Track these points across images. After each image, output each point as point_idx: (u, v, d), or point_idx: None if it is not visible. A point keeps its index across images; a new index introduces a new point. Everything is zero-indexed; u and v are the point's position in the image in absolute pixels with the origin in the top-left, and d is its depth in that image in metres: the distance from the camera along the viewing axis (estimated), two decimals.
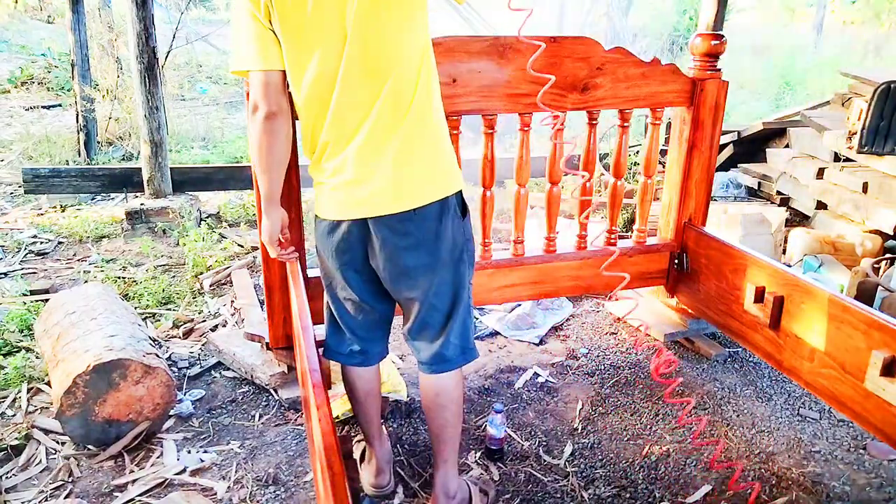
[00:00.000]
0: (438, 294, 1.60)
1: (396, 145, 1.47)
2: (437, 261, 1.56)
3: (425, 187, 1.51)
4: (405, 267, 1.55)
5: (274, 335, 2.29)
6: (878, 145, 3.49)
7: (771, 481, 1.96)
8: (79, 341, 2.14)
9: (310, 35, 1.43)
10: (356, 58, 1.43)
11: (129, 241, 3.77)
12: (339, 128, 1.48)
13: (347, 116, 1.47)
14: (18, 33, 9.31)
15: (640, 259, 2.69)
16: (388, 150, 1.48)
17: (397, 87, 1.45)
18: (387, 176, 1.48)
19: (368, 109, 1.46)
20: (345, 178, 1.50)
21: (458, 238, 1.58)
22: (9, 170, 5.01)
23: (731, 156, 4.87)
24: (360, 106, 1.46)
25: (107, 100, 5.53)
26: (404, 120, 1.47)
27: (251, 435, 2.14)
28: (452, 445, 1.74)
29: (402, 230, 1.51)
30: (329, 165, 1.53)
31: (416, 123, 1.49)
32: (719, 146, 3.10)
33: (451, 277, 1.59)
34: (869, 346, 1.82)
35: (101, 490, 1.90)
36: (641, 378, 2.47)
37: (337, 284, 1.67)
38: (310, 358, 1.56)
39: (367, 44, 1.42)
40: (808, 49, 10.01)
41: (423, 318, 1.63)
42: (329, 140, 1.50)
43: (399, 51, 1.45)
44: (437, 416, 1.71)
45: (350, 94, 1.45)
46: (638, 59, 2.38)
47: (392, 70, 1.44)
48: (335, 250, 1.59)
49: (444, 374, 1.67)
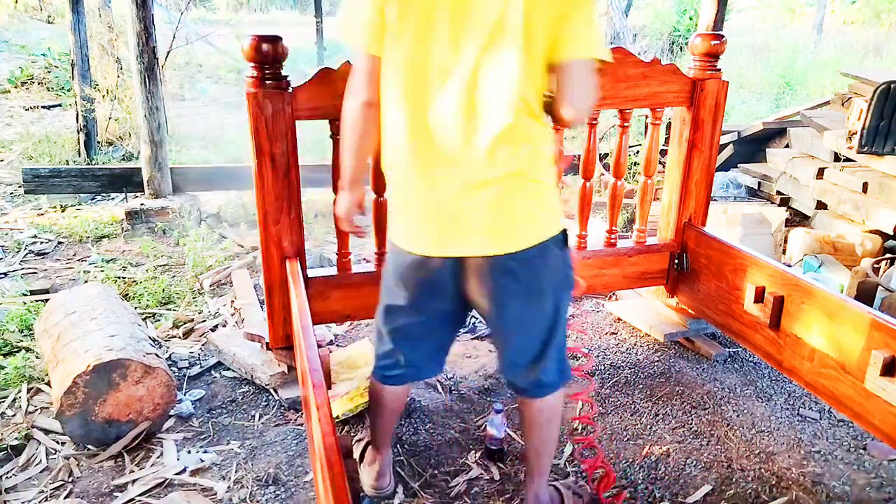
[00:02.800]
0: (538, 325, 1.54)
1: (505, 181, 1.40)
2: (541, 295, 1.51)
3: (532, 227, 1.44)
4: (507, 305, 1.49)
5: (274, 335, 2.29)
6: (878, 145, 3.49)
7: (771, 481, 1.96)
8: (79, 341, 2.14)
9: (433, 42, 1.37)
10: (476, 85, 1.37)
11: (129, 241, 3.77)
12: (438, 148, 1.41)
13: (451, 137, 1.40)
14: (18, 33, 9.31)
15: (640, 259, 2.69)
16: (494, 184, 1.40)
17: (514, 122, 1.39)
18: (492, 213, 1.41)
19: (477, 137, 1.39)
20: (440, 206, 1.43)
21: (560, 269, 1.52)
22: (9, 170, 5.01)
23: (731, 156, 4.87)
24: (469, 132, 1.39)
25: (107, 100, 5.53)
26: (515, 155, 1.40)
27: (251, 435, 2.14)
28: (550, 457, 1.75)
29: (506, 270, 1.44)
30: (419, 186, 1.44)
31: (527, 158, 1.42)
32: (719, 146, 3.10)
33: (551, 307, 1.54)
34: (869, 345, 1.82)
35: (101, 490, 1.90)
36: (641, 378, 2.47)
37: (405, 313, 1.60)
38: (310, 358, 1.56)
39: (491, 75, 1.37)
40: (808, 49, 10.00)
41: (523, 348, 1.58)
42: (423, 158, 1.42)
43: (520, 88, 1.38)
44: (539, 432, 1.68)
45: (458, 118, 1.38)
46: (638, 59, 2.38)
47: (513, 104, 1.38)
48: (419, 285, 1.53)
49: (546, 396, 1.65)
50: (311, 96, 2.05)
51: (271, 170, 2.06)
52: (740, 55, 9.31)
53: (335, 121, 2.13)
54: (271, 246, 2.16)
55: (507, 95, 1.38)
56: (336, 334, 2.78)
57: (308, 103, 2.06)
